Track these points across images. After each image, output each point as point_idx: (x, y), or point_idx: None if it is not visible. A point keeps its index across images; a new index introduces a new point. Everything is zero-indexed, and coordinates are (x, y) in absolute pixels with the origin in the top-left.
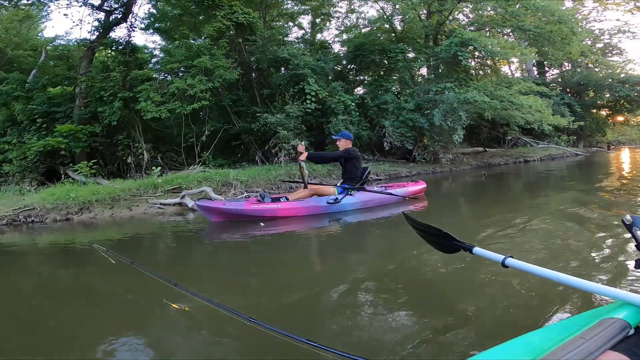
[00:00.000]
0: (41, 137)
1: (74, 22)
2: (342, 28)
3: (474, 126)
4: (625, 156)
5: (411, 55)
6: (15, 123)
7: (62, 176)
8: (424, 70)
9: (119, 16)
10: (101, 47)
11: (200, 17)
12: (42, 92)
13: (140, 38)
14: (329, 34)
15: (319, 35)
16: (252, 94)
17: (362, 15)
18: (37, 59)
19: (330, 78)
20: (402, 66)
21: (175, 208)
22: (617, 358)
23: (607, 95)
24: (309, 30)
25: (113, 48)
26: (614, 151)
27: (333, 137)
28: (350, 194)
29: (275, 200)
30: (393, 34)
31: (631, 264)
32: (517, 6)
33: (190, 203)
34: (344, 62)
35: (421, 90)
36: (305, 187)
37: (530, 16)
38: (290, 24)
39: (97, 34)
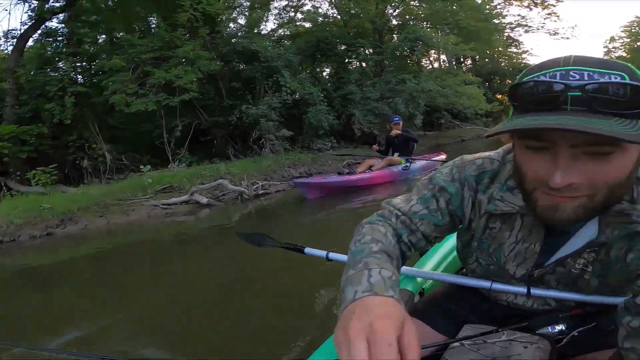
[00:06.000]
0: None
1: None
2: (285, 20)
3: (412, 113)
4: None
5: (369, 49)
6: None
7: (4, 188)
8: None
9: (63, 3)
10: (35, 38)
11: (137, 8)
12: None
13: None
14: (266, 27)
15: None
16: (217, 86)
17: (306, 9)
18: None
19: (297, 70)
20: (362, 59)
21: (184, 207)
22: (414, 321)
23: (509, 82)
24: (244, 24)
25: (51, 38)
26: None
27: (395, 120)
28: (413, 162)
29: (349, 174)
30: (344, 27)
31: None
32: (453, 6)
33: (203, 199)
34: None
35: (382, 82)
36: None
37: (463, 14)
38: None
39: (30, 23)
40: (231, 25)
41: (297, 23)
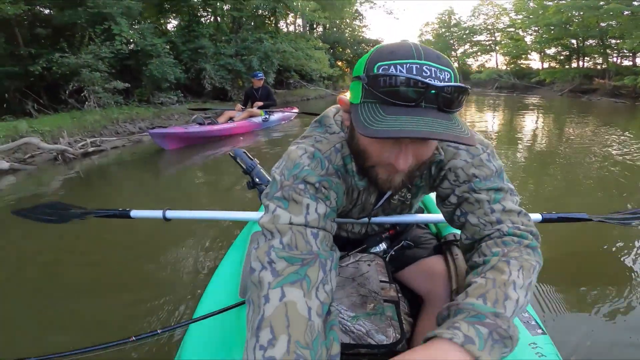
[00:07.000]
0: None
1: None
2: None
3: (266, 71)
4: None
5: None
6: None
7: None
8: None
9: None
10: None
11: None
12: None
13: None
14: None
15: None
16: (10, 33)
17: None
18: None
19: (138, 19)
20: (219, 14)
21: None
22: None
23: (348, 51)
24: None
25: None
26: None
27: (259, 75)
28: (272, 114)
29: (211, 124)
30: None
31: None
32: None
33: (2, 164)
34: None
35: (239, 39)
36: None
37: None
38: None
39: None
40: None
41: None
